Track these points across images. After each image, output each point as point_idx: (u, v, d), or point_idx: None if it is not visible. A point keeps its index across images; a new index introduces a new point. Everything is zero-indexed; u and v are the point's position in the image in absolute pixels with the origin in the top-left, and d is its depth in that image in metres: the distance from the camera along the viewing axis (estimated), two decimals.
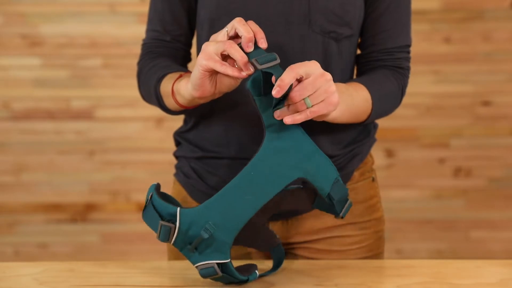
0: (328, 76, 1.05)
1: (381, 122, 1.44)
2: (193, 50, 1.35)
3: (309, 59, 1.18)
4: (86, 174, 2.87)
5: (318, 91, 1.03)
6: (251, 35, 1.05)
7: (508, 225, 2.91)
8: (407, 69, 1.31)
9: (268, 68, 1.02)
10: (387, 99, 1.27)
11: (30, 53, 2.81)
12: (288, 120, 1.02)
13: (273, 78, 1.02)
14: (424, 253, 2.92)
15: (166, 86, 1.22)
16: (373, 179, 1.36)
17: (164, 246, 1.40)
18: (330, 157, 1.26)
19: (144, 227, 1.22)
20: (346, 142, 1.29)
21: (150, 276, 1.14)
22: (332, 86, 1.05)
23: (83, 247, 2.90)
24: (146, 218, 1.06)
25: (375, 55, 1.28)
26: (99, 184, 2.87)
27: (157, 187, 1.08)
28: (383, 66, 1.28)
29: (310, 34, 1.20)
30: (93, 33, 2.80)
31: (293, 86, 1.03)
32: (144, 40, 1.35)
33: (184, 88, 1.15)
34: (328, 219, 1.29)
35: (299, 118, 1.03)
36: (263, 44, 1.06)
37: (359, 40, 1.31)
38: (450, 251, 2.91)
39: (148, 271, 1.17)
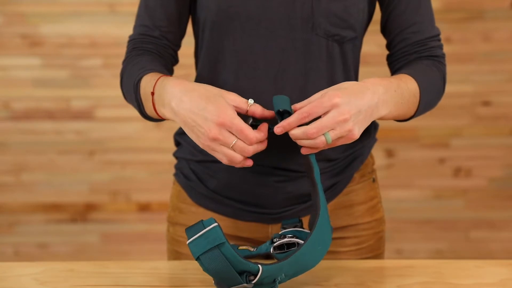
0: (344, 116, 1.04)
1: (381, 122, 1.44)
2: (189, 51, 1.33)
3: (313, 63, 1.18)
4: (86, 174, 2.87)
5: (337, 130, 1.04)
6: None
7: (508, 225, 2.90)
8: (443, 56, 1.30)
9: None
10: (433, 90, 1.26)
11: (30, 53, 2.81)
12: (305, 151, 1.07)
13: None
14: (424, 253, 2.92)
15: (146, 87, 1.16)
16: (374, 180, 1.35)
17: (164, 246, 1.40)
18: (330, 160, 1.26)
19: (143, 227, 1.21)
20: (346, 145, 1.27)
21: (150, 276, 1.14)
22: (349, 125, 1.05)
23: (83, 247, 2.90)
24: (206, 261, 0.99)
25: (409, 49, 1.26)
26: (99, 184, 2.87)
27: (222, 230, 1.00)
28: (419, 58, 1.26)
29: (314, 38, 1.18)
30: (93, 33, 2.80)
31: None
32: (130, 36, 1.29)
33: (168, 111, 1.12)
34: None
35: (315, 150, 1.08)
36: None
37: (386, 41, 1.30)
38: (450, 251, 2.91)
39: (148, 271, 1.17)
